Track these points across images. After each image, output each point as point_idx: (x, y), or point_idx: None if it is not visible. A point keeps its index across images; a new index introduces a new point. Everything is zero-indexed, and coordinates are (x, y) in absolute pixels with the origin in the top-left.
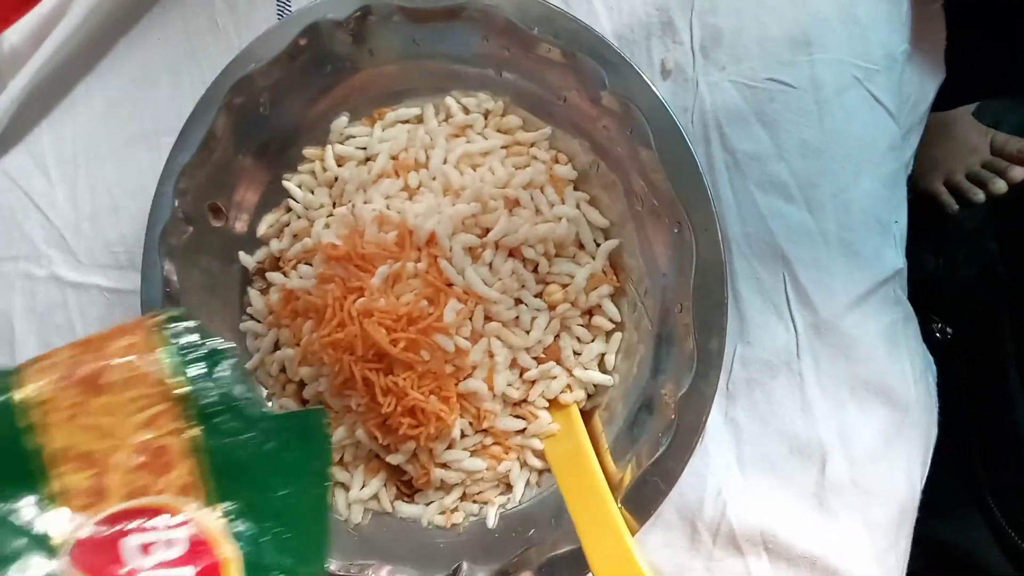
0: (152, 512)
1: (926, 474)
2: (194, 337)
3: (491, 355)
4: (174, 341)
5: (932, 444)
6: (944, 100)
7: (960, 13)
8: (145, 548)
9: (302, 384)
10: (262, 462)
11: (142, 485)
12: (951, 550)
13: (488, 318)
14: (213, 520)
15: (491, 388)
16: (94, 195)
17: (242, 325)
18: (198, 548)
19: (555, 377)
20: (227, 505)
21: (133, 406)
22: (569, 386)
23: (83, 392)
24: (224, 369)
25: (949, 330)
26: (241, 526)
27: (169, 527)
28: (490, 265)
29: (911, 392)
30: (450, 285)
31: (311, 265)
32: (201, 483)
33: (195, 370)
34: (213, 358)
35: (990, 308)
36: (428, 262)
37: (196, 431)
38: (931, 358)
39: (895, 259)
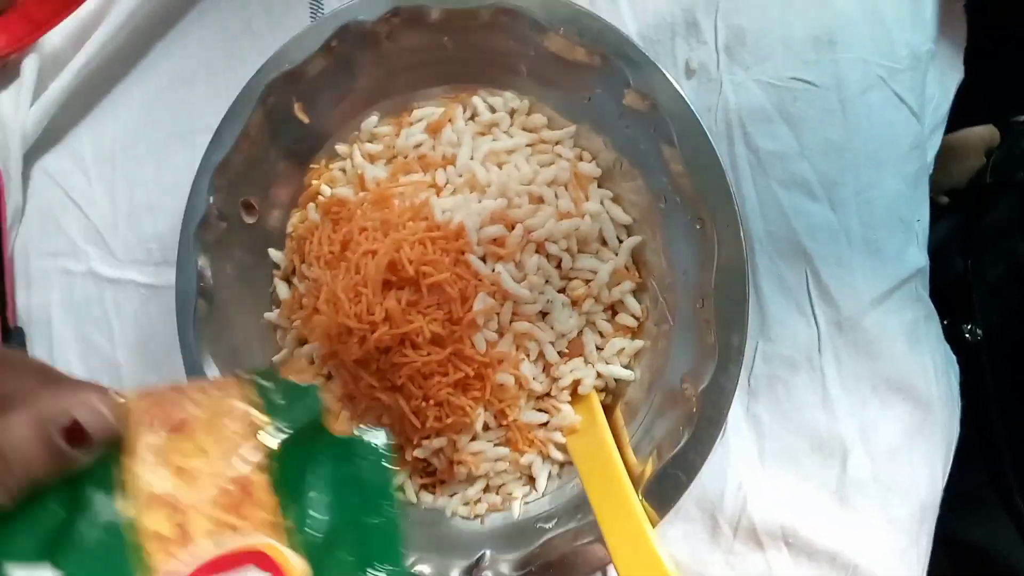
0: (238, 558)
1: (947, 472)
2: (276, 381)
3: (518, 348)
4: (259, 383)
5: (954, 442)
6: (959, 116)
7: (982, 14)
8: None
9: (329, 376)
10: (337, 490)
11: (227, 525)
12: (977, 550)
13: (515, 313)
14: (294, 558)
15: (518, 382)
16: (131, 193)
17: (267, 315)
18: None
19: (581, 372)
20: (307, 540)
21: (219, 444)
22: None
23: (169, 432)
24: (305, 407)
25: (979, 332)
26: (319, 560)
27: (253, 571)
28: (516, 261)
29: (932, 390)
30: (479, 279)
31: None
32: (282, 519)
33: (277, 408)
34: (295, 396)
35: (1021, 310)
36: (454, 256)
37: (277, 466)
38: (953, 356)
39: (917, 257)
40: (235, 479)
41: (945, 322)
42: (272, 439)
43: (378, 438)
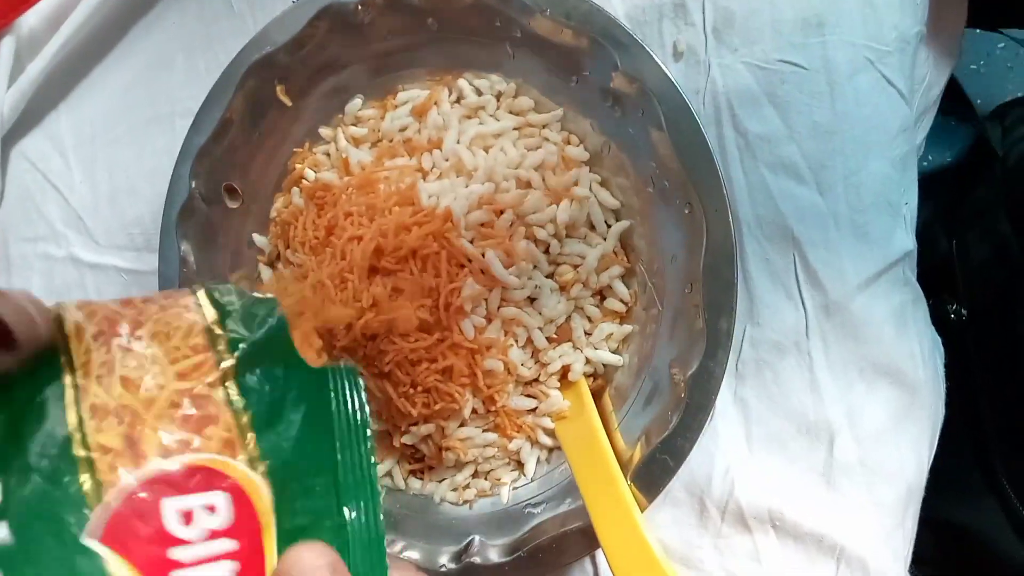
0: (193, 473)
1: (933, 454)
2: (233, 295)
3: (506, 334)
4: (214, 295)
5: (939, 425)
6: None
7: None
8: (186, 515)
9: None
10: (301, 418)
11: (181, 440)
12: (963, 531)
13: (503, 298)
14: (255, 479)
15: (506, 367)
16: (111, 177)
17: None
18: (241, 514)
19: (570, 357)
20: (269, 463)
21: (171, 357)
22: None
23: (115, 344)
24: (264, 320)
25: (964, 312)
26: (283, 487)
27: (210, 490)
28: (504, 247)
29: (919, 373)
30: (469, 260)
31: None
32: (240, 438)
33: (234, 321)
34: (253, 309)
35: (1005, 289)
36: (442, 241)
37: (234, 382)
38: (939, 339)
39: (905, 241)
40: (189, 392)
41: (930, 302)
42: (229, 353)
43: (351, 372)
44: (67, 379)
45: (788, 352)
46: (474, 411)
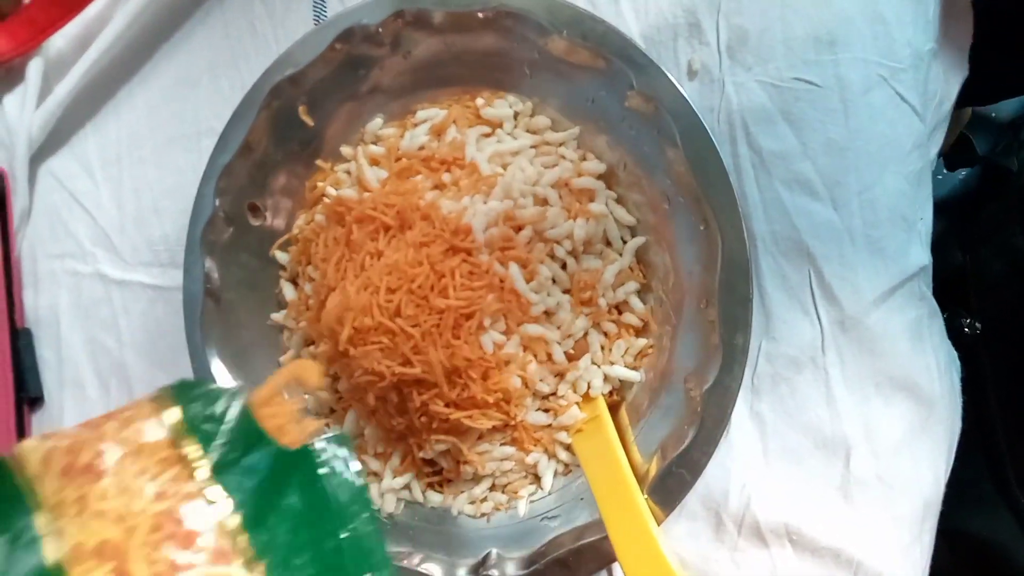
0: None
1: (950, 468)
2: (197, 392)
3: (525, 350)
4: (176, 401)
5: (956, 439)
6: (969, 98)
7: (989, 9)
8: None
9: (336, 377)
10: (293, 503)
11: (171, 563)
12: (978, 544)
13: (522, 313)
14: None
15: (525, 383)
16: (137, 195)
17: (274, 315)
18: None
19: (588, 373)
20: (268, 561)
21: (143, 477)
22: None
23: (87, 478)
24: (233, 414)
25: (978, 326)
26: None
27: None
28: (524, 263)
29: (935, 387)
30: (496, 278)
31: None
32: (232, 543)
33: (199, 419)
34: (218, 406)
35: (1020, 304)
36: (461, 257)
37: (214, 485)
38: (955, 354)
39: (920, 256)
40: (170, 511)
41: (944, 316)
42: (202, 456)
43: (338, 442)
44: (41, 521)
45: (804, 367)
46: (492, 426)
